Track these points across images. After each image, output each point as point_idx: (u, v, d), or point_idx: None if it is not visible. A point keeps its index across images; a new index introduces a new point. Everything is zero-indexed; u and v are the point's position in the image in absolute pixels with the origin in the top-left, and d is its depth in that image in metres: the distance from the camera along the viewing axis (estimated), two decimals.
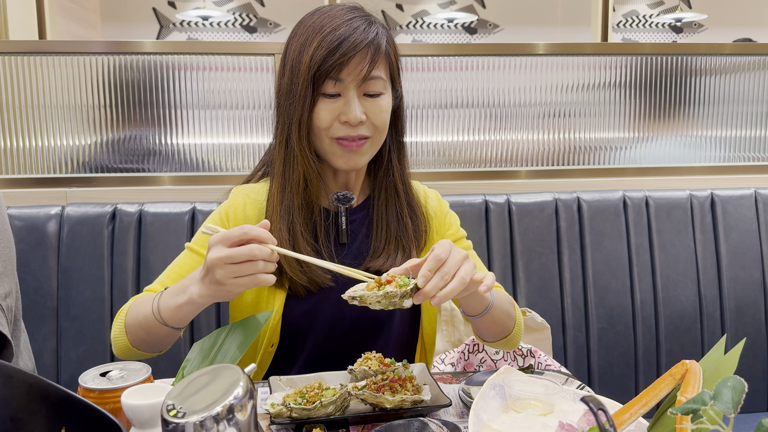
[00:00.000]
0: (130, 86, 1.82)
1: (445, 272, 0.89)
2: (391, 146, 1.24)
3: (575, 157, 2.01)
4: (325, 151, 1.16)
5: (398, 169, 1.24)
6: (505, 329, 1.17)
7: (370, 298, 0.88)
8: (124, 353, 1.11)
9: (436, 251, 0.90)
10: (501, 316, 1.13)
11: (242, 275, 0.90)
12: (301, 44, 1.12)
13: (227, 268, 0.90)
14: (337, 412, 0.90)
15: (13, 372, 0.70)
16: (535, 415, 0.82)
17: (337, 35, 1.09)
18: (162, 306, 1.02)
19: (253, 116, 1.88)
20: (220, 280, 0.91)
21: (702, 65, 2.02)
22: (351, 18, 1.12)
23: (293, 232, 1.14)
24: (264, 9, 5.95)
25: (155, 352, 1.13)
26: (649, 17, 6.46)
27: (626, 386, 1.76)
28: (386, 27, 1.17)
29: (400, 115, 1.24)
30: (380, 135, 1.17)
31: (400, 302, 0.88)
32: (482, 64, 1.95)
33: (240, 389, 0.65)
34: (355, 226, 1.24)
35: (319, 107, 1.12)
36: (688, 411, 0.59)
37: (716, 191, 1.84)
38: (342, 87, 1.11)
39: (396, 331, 1.24)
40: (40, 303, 1.58)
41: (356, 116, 1.10)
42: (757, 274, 1.81)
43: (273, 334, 1.18)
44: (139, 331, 1.07)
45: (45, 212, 1.61)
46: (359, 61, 1.09)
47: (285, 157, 1.17)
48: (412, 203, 1.25)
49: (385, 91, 1.15)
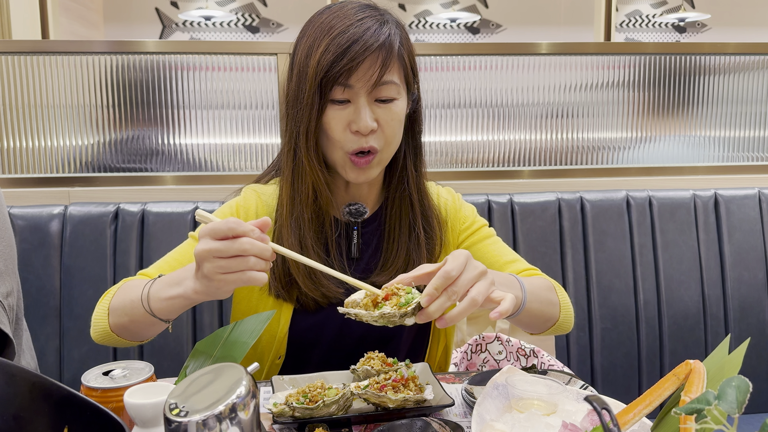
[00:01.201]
0: (132, 86, 1.83)
1: (454, 291, 0.81)
2: (407, 151, 1.17)
3: (578, 156, 2.01)
4: (336, 163, 1.10)
5: (413, 177, 1.17)
6: (549, 319, 1.09)
7: (366, 317, 0.84)
8: (102, 338, 1.05)
9: (447, 266, 0.82)
10: (540, 308, 1.05)
11: (231, 271, 0.82)
12: (309, 46, 1.06)
13: (215, 262, 0.82)
14: (340, 411, 0.90)
15: (16, 371, 0.70)
16: (538, 414, 0.81)
17: (345, 37, 1.02)
18: (152, 295, 0.95)
19: (256, 116, 1.88)
20: (208, 275, 0.84)
21: (705, 65, 2.01)
22: (362, 18, 1.04)
23: (305, 247, 1.09)
24: (266, 9, 5.96)
25: (135, 342, 1.06)
26: (652, 17, 6.45)
27: (630, 386, 1.76)
28: (401, 25, 1.10)
29: (417, 119, 1.17)
30: (391, 146, 1.10)
31: (401, 321, 0.82)
32: (485, 64, 1.95)
33: (243, 388, 0.65)
34: (367, 238, 1.18)
35: (328, 115, 1.05)
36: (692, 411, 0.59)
37: (720, 191, 1.84)
38: (352, 93, 1.04)
39: (405, 343, 1.21)
40: (43, 302, 1.58)
41: (367, 125, 1.04)
42: (761, 274, 1.81)
43: (280, 346, 1.15)
44: (123, 317, 1.00)
45: (48, 212, 1.61)
46: (369, 65, 1.02)
47: (294, 168, 1.11)
48: (427, 213, 1.19)
49: (398, 96, 1.08)
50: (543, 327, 1.11)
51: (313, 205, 1.11)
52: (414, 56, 1.12)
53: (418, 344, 1.25)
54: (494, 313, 0.83)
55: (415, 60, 1.12)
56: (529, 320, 1.07)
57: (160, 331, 1.04)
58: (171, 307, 0.94)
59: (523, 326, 1.11)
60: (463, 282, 0.82)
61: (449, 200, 1.26)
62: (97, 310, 1.06)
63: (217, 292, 0.87)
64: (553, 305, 1.09)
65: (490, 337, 1.40)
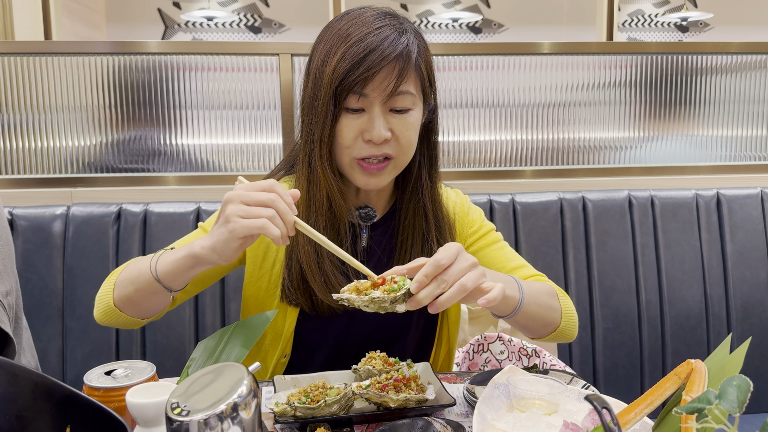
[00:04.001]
0: (135, 86, 1.83)
1: (444, 280, 0.83)
2: (422, 161, 1.15)
3: (580, 156, 2.01)
4: (345, 169, 1.10)
5: (428, 188, 1.16)
6: (549, 324, 1.09)
7: (357, 302, 0.85)
8: (105, 315, 1.05)
9: (437, 255, 0.84)
10: (538, 312, 1.05)
11: (251, 216, 0.85)
12: (326, 53, 1.04)
13: (240, 205, 0.86)
14: (341, 411, 0.90)
15: (19, 370, 0.71)
16: (540, 414, 0.81)
17: (362, 47, 1.00)
18: (161, 260, 0.97)
19: (258, 116, 1.89)
20: (228, 216, 0.86)
21: (708, 64, 2.01)
22: (380, 27, 1.02)
23: (320, 255, 1.09)
24: (269, 9, 5.96)
25: (136, 319, 1.06)
26: (655, 16, 6.44)
27: (632, 386, 1.75)
28: (419, 35, 1.08)
29: (433, 128, 1.15)
30: (405, 155, 1.09)
31: (391, 307, 0.84)
32: (487, 64, 1.95)
33: (244, 388, 0.65)
34: (376, 240, 1.18)
35: (342, 123, 1.04)
36: (693, 410, 0.59)
37: (722, 191, 1.83)
38: (366, 102, 1.03)
39: (411, 345, 1.21)
40: (46, 302, 1.59)
41: (380, 135, 1.03)
42: (763, 273, 1.80)
43: (285, 346, 1.16)
44: (128, 287, 1.01)
45: (50, 212, 1.62)
46: (386, 75, 1.01)
47: (308, 176, 1.10)
48: (441, 223, 1.17)
49: (413, 106, 1.06)
50: (542, 332, 1.11)
51: (328, 213, 1.10)
52: (432, 66, 1.10)
53: (424, 346, 1.25)
54: (482, 300, 0.85)
55: (433, 70, 1.11)
56: (527, 323, 1.06)
57: (162, 308, 1.05)
58: (177, 268, 0.94)
59: (521, 329, 1.11)
60: (453, 271, 0.84)
61: (457, 203, 1.25)
62: (103, 287, 1.06)
63: (224, 248, 0.88)
64: (553, 310, 1.09)
65: (492, 337, 1.40)
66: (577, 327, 1.13)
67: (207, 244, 0.90)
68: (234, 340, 0.97)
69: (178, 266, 0.94)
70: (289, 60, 1.85)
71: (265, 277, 1.16)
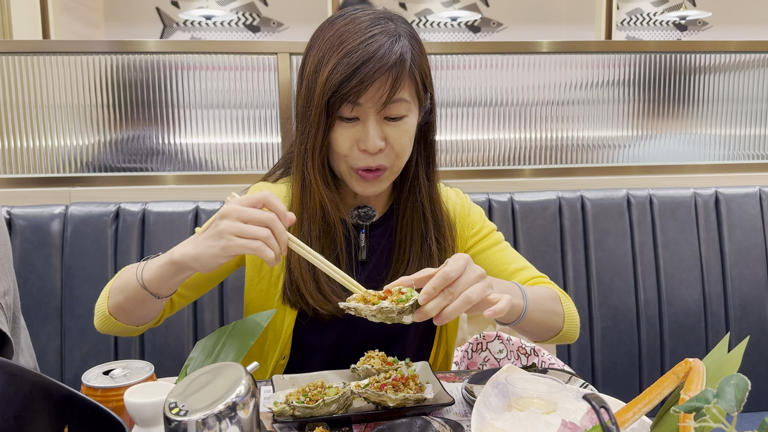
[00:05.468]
0: (133, 86, 1.83)
1: (451, 292, 0.82)
2: (419, 160, 1.14)
3: (579, 155, 2.01)
4: (343, 176, 1.10)
5: (425, 188, 1.15)
6: (552, 328, 1.08)
7: (365, 311, 0.85)
8: (103, 324, 1.06)
9: (446, 268, 0.82)
10: (542, 318, 1.04)
11: (247, 236, 0.84)
12: (318, 60, 1.02)
13: (237, 223, 0.84)
14: (340, 410, 0.90)
15: (17, 370, 0.70)
16: (538, 413, 0.81)
17: (356, 57, 0.98)
18: (146, 267, 0.96)
19: (256, 115, 1.89)
20: (221, 232, 0.85)
21: (706, 63, 2.01)
22: (373, 35, 1.00)
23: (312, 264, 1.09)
24: (267, 8, 5.96)
25: (131, 326, 1.06)
26: (654, 15, 6.44)
27: (630, 385, 1.76)
28: (414, 38, 1.06)
29: (430, 129, 1.14)
30: (400, 161, 1.08)
31: (398, 318, 0.84)
32: (486, 63, 1.95)
33: (242, 387, 0.65)
34: (375, 240, 1.18)
35: (336, 132, 1.04)
36: (691, 409, 0.59)
37: (720, 189, 1.83)
38: (360, 111, 1.02)
39: (411, 347, 1.21)
40: (44, 302, 1.59)
41: (375, 145, 1.02)
42: (761, 272, 1.80)
43: (284, 347, 1.16)
44: (119, 295, 1.01)
45: (49, 212, 1.62)
46: (379, 86, 0.99)
47: (302, 184, 1.10)
48: (440, 223, 1.16)
49: (408, 113, 1.05)
50: (545, 336, 1.10)
51: (322, 221, 1.10)
52: (427, 70, 1.09)
53: (423, 348, 1.25)
54: (489, 311, 0.84)
55: (428, 74, 1.09)
56: (531, 328, 1.06)
57: (154, 314, 1.05)
58: (160, 275, 0.94)
59: (525, 334, 1.10)
60: (461, 283, 0.83)
61: (458, 203, 1.24)
62: (100, 296, 1.07)
63: (214, 256, 0.87)
64: (556, 315, 1.08)
65: (490, 336, 1.40)
66: (578, 329, 1.13)
67: (190, 252, 0.89)
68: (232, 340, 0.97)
69: (161, 273, 0.94)
70: (287, 59, 1.85)
71: (265, 279, 1.16)
